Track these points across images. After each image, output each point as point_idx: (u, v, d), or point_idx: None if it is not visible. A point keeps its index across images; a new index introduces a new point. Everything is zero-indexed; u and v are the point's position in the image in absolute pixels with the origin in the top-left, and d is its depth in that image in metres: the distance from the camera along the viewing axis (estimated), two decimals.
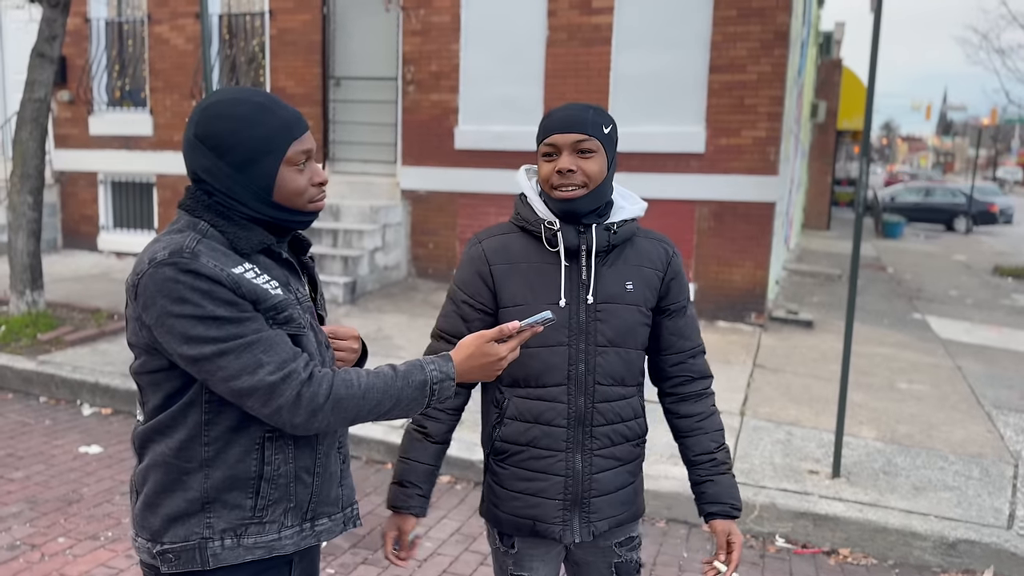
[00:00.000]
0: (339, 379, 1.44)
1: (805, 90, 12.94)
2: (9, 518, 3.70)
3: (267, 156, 1.45)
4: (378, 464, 4.55)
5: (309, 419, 1.41)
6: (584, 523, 1.83)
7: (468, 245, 1.87)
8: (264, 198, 1.47)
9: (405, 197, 8.87)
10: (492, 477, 1.88)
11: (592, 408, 1.79)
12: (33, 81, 6.44)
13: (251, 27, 9.39)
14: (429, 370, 1.50)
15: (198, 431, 1.46)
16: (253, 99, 1.46)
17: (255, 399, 1.39)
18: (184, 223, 1.47)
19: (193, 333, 1.37)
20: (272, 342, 1.41)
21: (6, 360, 5.67)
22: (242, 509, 1.48)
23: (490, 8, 8.34)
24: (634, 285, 1.80)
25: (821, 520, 3.84)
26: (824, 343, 7.24)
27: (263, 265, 1.49)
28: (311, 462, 1.55)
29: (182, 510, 1.47)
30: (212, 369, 1.38)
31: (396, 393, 1.48)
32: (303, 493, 1.54)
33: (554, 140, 1.74)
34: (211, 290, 1.37)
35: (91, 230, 10.43)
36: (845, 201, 26.91)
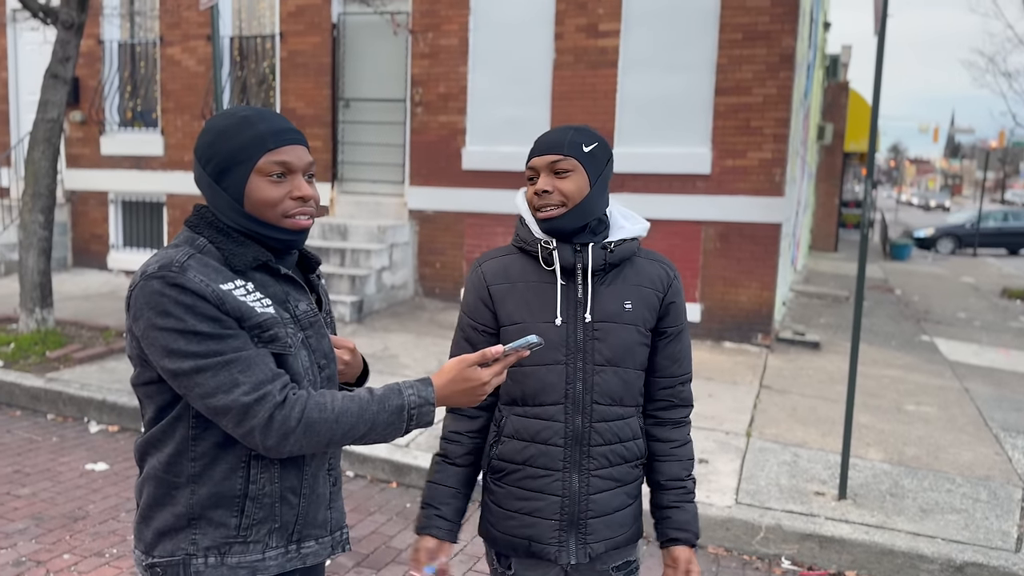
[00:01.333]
0: (312, 402, 1.43)
1: (812, 112, 12.99)
2: (15, 534, 3.71)
3: (238, 166, 1.47)
4: (382, 483, 4.54)
5: (280, 442, 1.40)
6: (580, 544, 1.81)
7: (470, 269, 1.90)
8: (237, 208, 1.49)
9: (412, 217, 8.92)
10: (489, 496, 1.89)
11: (590, 428, 1.79)
12: (47, 101, 6.53)
13: (262, 49, 9.51)
14: (407, 395, 1.48)
15: (186, 446, 1.47)
16: (239, 113, 1.49)
17: (228, 418, 1.40)
18: (183, 238, 1.50)
19: (174, 347, 1.38)
20: (251, 362, 1.41)
21: (15, 377, 5.71)
22: (227, 527, 1.48)
23: (498, 31, 8.43)
24: (633, 305, 1.80)
25: (827, 542, 3.81)
26: (831, 364, 7.22)
27: (259, 282, 1.50)
28: (297, 483, 1.54)
29: (170, 525, 1.49)
30: (190, 384, 1.39)
31: (371, 417, 1.45)
32: (289, 514, 1.53)
33: (533, 163, 1.78)
34: (194, 305, 1.38)
35: (101, 249, 10.51)
36: (852, 223, 26.89)
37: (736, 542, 3.93)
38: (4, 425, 5.23)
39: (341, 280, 7.99)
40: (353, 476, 4.62)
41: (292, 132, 1.51)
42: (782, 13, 7.39)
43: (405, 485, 4.51)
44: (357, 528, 3.96)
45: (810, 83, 11.40)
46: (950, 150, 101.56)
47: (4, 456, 4.68)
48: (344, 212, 9.20)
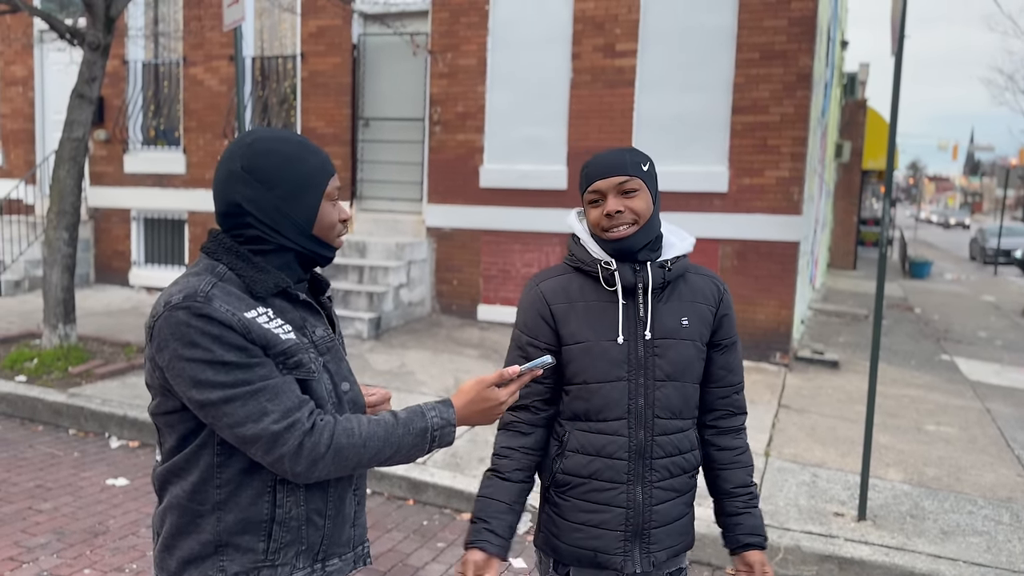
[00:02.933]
0: (340, 428, 1.45)
1: (829, 130, 12.97)
2: (37, 549, 3.75)
3: (311, 190, 1.52)
4: (399, 500, 4.56)
5: (310, 468, 1.43)
6: (644, 554, 1.87)
7: (526, 289, 1.93)
8: (304, 230, 1.53)
9: (430, 234, 8.98)
10: (552, 509, 1.92)
11: (652, 441, 1.84)
12: (72, 121, 6.65)
13: (283, 69, 9.64)
14: (430, 417, 1.52)
15: (211, 473, 1.47)
16: (295, 139, 1.53)
17: (258, 447, 1.41)
18: (203, 266, 1.50)
19: (202, 377, 1.38)
20: (278, 390, 1.42)
21: (37, 392, 5.78)
22: (255, 552, 1.49)
23: (515, 51, 8.51)
24: (689, 321, 1.87)
25: (847, 564, 3.78)
26: (850, 383, 7.17)
27: (278, 308, 1.51)
28: (323, 504, 1.55)
29: (196, 553, 1.49)
30: (218, 415, 1.40)
31: (397, 441, 1.49)
32: (315, 535, 1.55)
33: (598, 186, 1.81)
34: (222, 335, 1.39)
35: (123, 265, 10.64)
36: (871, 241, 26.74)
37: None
38: (27, 440, 5.29)
39: (359, 297, 8.04)
40: (371, 493, 4.64)
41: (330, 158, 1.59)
42: (799, 32, 7.41)
43: (422, 503, 4.52)
44: (375, 545, 3.97)
45: (827, 101, 11.39)
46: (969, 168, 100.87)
47: (27, 471, 4.73)
48: (363, 229, 9.28)
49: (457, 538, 4.10)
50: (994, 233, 26.81)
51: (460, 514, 4.40)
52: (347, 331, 7.86)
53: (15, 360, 6.37)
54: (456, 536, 4.12)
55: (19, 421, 5.68)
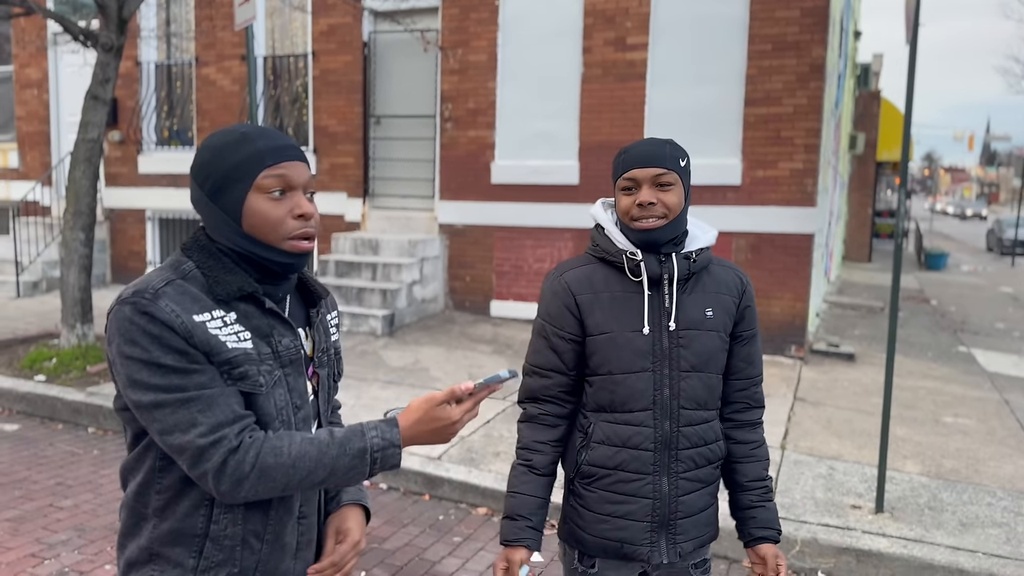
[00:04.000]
0: (268, 447, 1.36)
1: (843, 122, 12.89)
2: (58, 545, 3.79)
3: (236, 183, 1.41)
4: (415, 495, 4.57)
5: (234, 488, 1.35)
6: (671, 544, 1.87)
7: (549, 279, 1.92)
8: (235, 228, 1.42)
9: (443, 231, 8.99)
10: (577, 500, 1.92)
11: (677, 432, 1.84)
12: (87, 122, 6.70)
13: (295, 68, 9.67)
14: (370, 437, 1.40)
15: (152, 477, 1.42)
16: (238, 131, 1.44)
17: (183, 458, 1.35)
18: (170, 261, 1.45)
19: (136, 377, 1.33)
20: (212, 401, 1.35)
21: (57, 391, 5.83)
22: (183, 568, 1.43)
23: (526, 46, 8.50)
24: (714, 312, 1.87)
25: (864, 556, 3.77)
26: (866, 376, 7.13)
27: (243, 312, 1.42)
28: (261, 527, 1.46)
29: (135, 557, 1.45)
30: (148, 419, 1.35)
31: (331, 463, 1.38)
32: (249, 559, 1.46)
33: (634, 175, 1.81)
34: (160, 335, 1.33)
35: (139, 265, 10.71)
36: (886, 233, 26.55)
37: None
38: (47, 438, 5.35)
39: (373, 294, 8.07)
40: (386, 488, 4.66)
41: (292, 148, 1.45)
42: (811, 23, 7.36)
43: (437, 497, 4.54)
44: (391, 540, 3.99)
45: (841, 92, 11.32)
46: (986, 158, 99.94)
47: (47, 469, 4.78)
48: (375, 227, 9.30)
49: (473, 532, 4.11)
50: (1011, 224, 26.56)
51: (476, 509, 4.41)
52: (361, 328, 7.89)
53: (34, 360, 6.43)
54: (472, 531, 4.14)
55: (39, 420, 5.74)
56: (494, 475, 4.52)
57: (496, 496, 4.37)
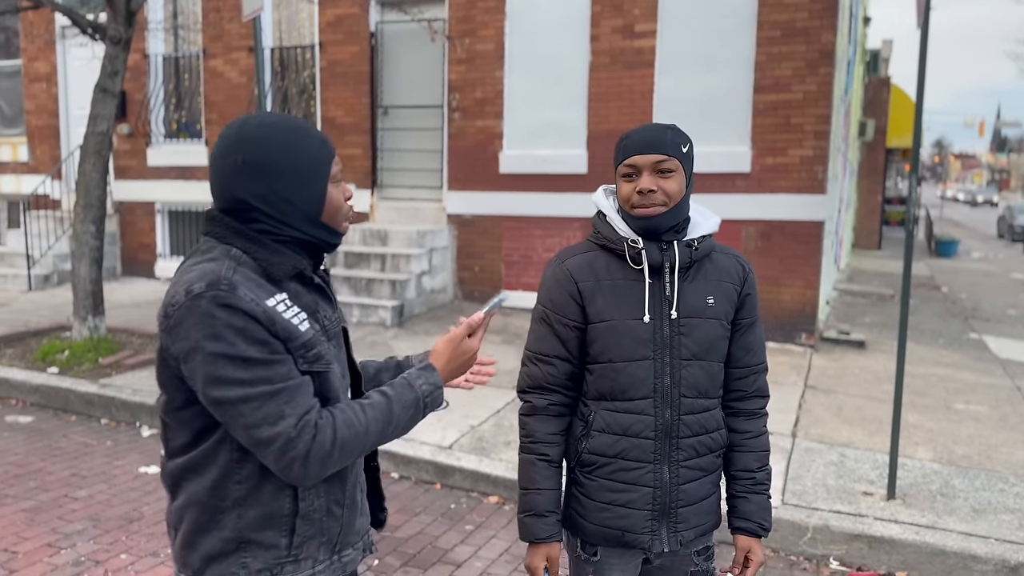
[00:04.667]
0: (341, 421, 1.41)
1: (853, 108, 12.80)
2: (74, 535, 3.82)
3: (318, 177, 1.45)
4: (427, 484, 4.59)
5: (321, 469, 1.39)
6: (672, 533, 1.87)
7: (550, 266, 1.90)
8: (314, 219, 1.47)
9: (451, 221, 8.99)
10: (578, 489, 1.91)
11: (678, 420, 1.83)
12: (96, 115, 6.72)
13: (302, 59, 9.66)
14: (418, 385, 1.52)
15: (230, 470, 1.42)
16: (291, 123, 1.46)
17: (271, 450, 1.35)
18: (218, 252, 1.42)
19: (221, 374, 1.32)
20: (295, 392, 1.37)
21: (70, 383, 5.87)
22: (278, 548, 1.46)
23: (533, 35, 8.47)
24: (715, 300, 1.85)
25: (876, 542, 3.76)
26: (877, 363, 7.11)
27: (293, 292, 1.45)
28: (341, 495, 1.53)
29: (218, 550, 1.45)
30: (235, 414, 1.34)
31: (394, 419, 1.48)
32: (334, 527, 1.53)
33: (634, 161, 1.78)
34: (246, 328, 1.33)
35: (149, 258, 10.76)
36: (896, 220, 26.41)
37: (783, 543, 3.90)
38: (60, 430, 5.39)
39: (382, 285, 8.08)
40: (398, 478, 4.68)
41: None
42: (821, 9, 7.31)
43: (449, 486, 4.55)
44: (403, 528, 4.01)
45: (850, 79, 11.24)
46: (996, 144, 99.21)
47: (61, 460, 4.82)
48: (384, 218, 9.31)
49: (485, 520, 4.13)
50: (1022, 210, 26.38)
51: (487, 497, 4.42)
52: (370, 319, 7.90)
53: (47, 352, 6.48)
54: (484, 519, 4.15)
55: (52, 412, 5.79)
56: (505, 464, 4.54)
57: (507, 485, 4.38)
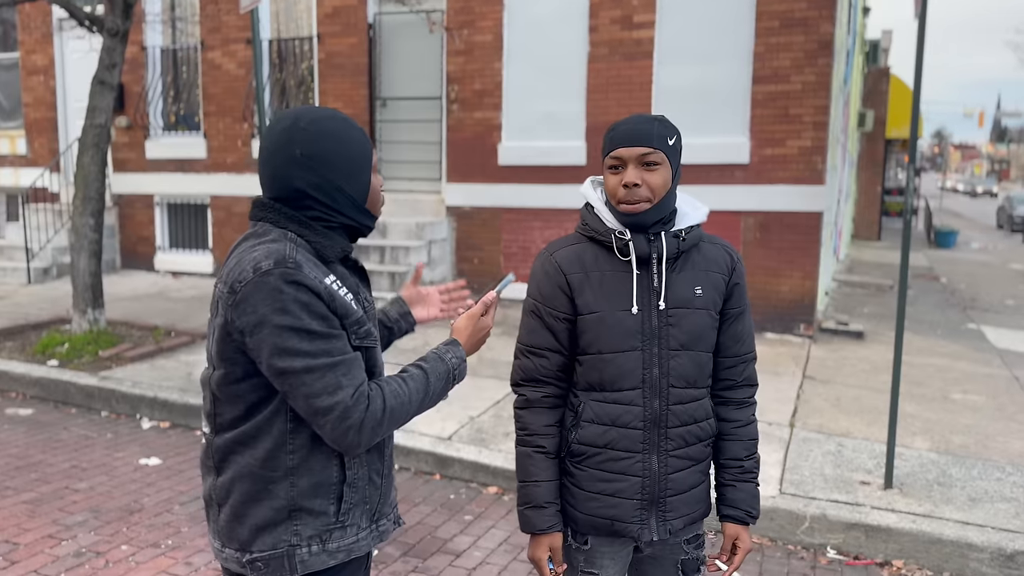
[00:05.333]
0: (388, 392, 1.53)
1: (852, 99, 12.79)
2: (75, 527, 3.84)
3: (366, 167, 1.58)
4: (426, 475, 4.61)
5: (372, 436, 1.50)
6: (661, 522, 1.88)
7: (539, 259, 1.90)
8: (359, 206, 1.59)
9: (450, 213, 8.99)
10: (568, 479, 1.92)
11: (667, 410, 1.84)
12: (94, 108, 6.71)
13: (300, 51, 9.65)
14: (448, 358, 1.67)
15: (283, 439, 1.51)
16: (338, 116, 1.57)
17: (329, 419, 1.45)
18: (276, 234, 1.52)
19: (288, 344, 1.42)
20: (351, 365, 1.48)
21: (70, 376, 5.89)
22: (327, 515, 1.55)
23: (532, 26, 8.45)
24: (703, 290, 1.85)
25: (873, 531, 3.78)
26: (875, 354, 7.13)
27: (340, 274, 1.57)
28: (380, 464, 1.64)
29: (269, 519, 1.52)
30: (296, 383, 1.44)
31: (431, 390, 1.61)
32: (375, 495, 1.63)
33: (620, 153, 1.78)
34: (310, 303, 1.43)
35: (148, 250, 10.76)
36: (896, 211, 26.40)
37: (781, 532, 3.92)
38: (61, 422, 5.40)
39: (381, 277, 8.09)
40: (398, 468, 4.69)
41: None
42: None
43: (448, 477, 4.57)
44: (403, 519, 4.02)
45: (849, 69, 11.23)
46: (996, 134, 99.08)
47: (62, 452, 4.84)
48: (383, 210, 9.31)
49: (485, 511, 4.15)
50: (1022, 200, 26.37)
51: (486, 488, 4.44)
52: None
53: (47, 345, 6.49)
54: (483, 509, 4.17)
55: (53, 404, 5.80)
56: (504, 455, 4.55)
57: (506, 475, 4.40)
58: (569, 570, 1.98)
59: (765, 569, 3.66)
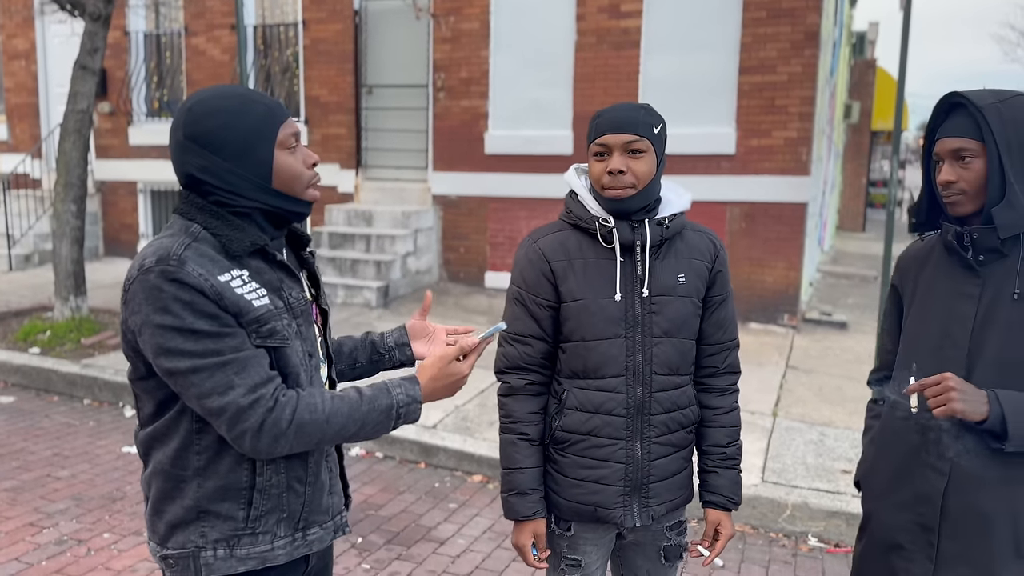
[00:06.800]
0: (303, 404, 1.43)
1: (838, 91, 12.83)
2: (57, 515, 3.82)
3: (260, 143, 1.45)
4: (411, 464, 4.61)
5: (272, 445, 1.40)
6: (644, 508, 1.89)
7: (523, 246, 1.90)
8: (264, 186, 1.47)
9: (436, 202, 8.97)
10: (552, 466, 1.93)
11: (650, 397, 1.85)
12: (76, 93, 6.63)
13: (285, 37, 9.57)
14: (396, 394, 1.50)
15: (190, 440, 1.46)
16: (234, 92, 1.47)
17: (222, 420, 1.39)
18: (177, 227, 1.45)
19: (170, 345, 1.36)
20: (246, 363, 1.39)
21: (52, 364, 5.84)
22: (235, 520, 1.48)
23: (519, 14, 8.41)
24: (686, 277, 1.86)
25: (854, 519, 3.82)
26: (859, 344, 7.18)
27: (255, 269, 1.47)
28: (303, 472, 1.54)
29: (179, 518, 1.49)
30: (185, 384, 1.38)
31: (361, 417, 1.47)
32: (295, 503, 1.54)
33: (605, 140, 1.78)
34: (193, 301, 1.36)
35: (131, 238, 10.67)
36: (881, 203, 26.55)
37: (763, 520, 3.96)
38: (43, 410, 5.36)
39: (367, 266, 8.06)
40: (382, 457, 4.69)
41: (284, 105, 1.53)
42: None
43: (433, 466, 4.57)
44: (387, 507, 4.03)
45: (836, 61, 11.26)
46: None
47: (44, 440, 4.81)
48: (369, 198, 9.27)
49: (469, 499, 4.16)
50: None
51: (471, 476, 4.45)
52: (355, 300, 7.89)
53: (28, 332, 6.43)
54: (468, 497, 4.18)
55: (34, 392, 5.76)
56: (489, 443, 4.56)
57: (491, 464, 4.41)
58: (552, 557, 1.99)
59: (747, 556, 3.69)
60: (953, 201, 1.73)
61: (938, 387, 1.62)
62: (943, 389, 1.61)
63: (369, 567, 3.45)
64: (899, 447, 1.84)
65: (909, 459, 1.81)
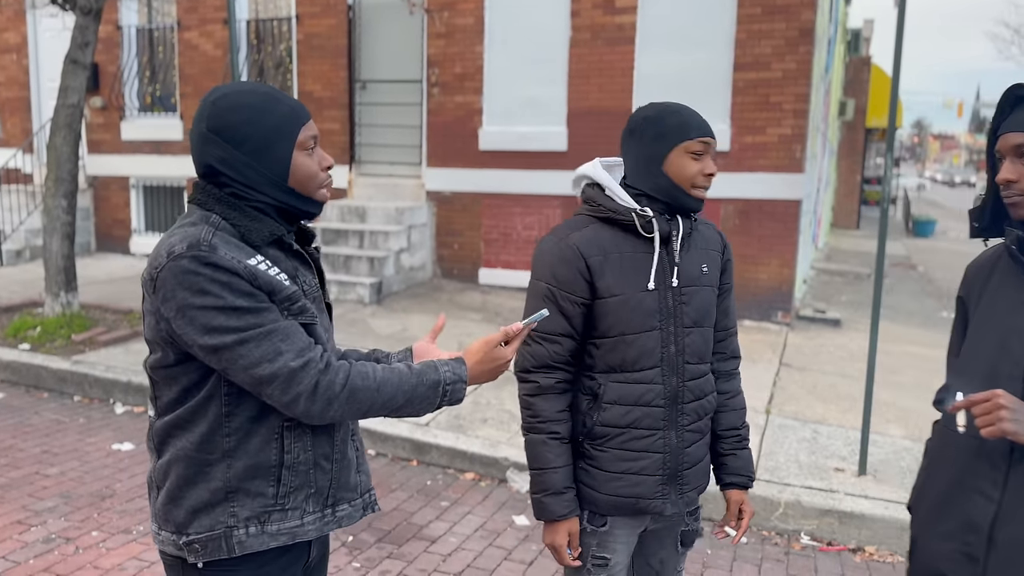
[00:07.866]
0: (356, 370, 1.48)
1: (833, 88, 12.83)
2: (45, 512, 3.79)
3: (280, 142, 1.50)
4: (403, 461, 4.59)
5: (325, 408, 1.45)
6: (679, 495, 1.94)
7: (552, 244, 1.87)
8: (279, 184, 1.52)
9: (430, 198, 8.94)
10: (587, 462, 1.92)
11: (683, 386, 1.90)
12: (67, 87, 6.58)
13: (278, 32, 9.52)
14: (443, 371, 1.55)
15: (219, 423, 1.49)
16: (260, 90, 1.52)
17: (275, 386, 1.42)
18: (197, 216, 1.50)
19: (214, 323, 1.40)
20: (289, 331, 1.45)
21: (41, 360, 5.80)
22: (265, 497, 1.52)
23: (514, 9, 8.38)
24: (708, 267, 1.94)
25: (847, 517, 3.81)
26: (852, 342, 7.18)
27: (272, 257, 1.52)
28: (329, 449, 1.59)
29: (206, 501, 1.51)
30: (233, 358, 1.41)
31: (410, 390, 1.52)
32: (323, 479, 1.58)
33: (708, 141, 1.85)
34: (230, 282, 1.41)
35: (123, 233, 10.62)
36: (875, 200, 26.57)
37: (755, 518, 3.95)
38: (32, 407, 5.33)
39: (360, 262, 8.03)
40: (375, 454, 4.67)
41: (305, 107, 1.58)
42: None
43: (426, 463, 4.56)
44: (379, 504, 4.00)
45: (831, 58, 11.25)
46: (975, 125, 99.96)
47: (33, 437, 4.77)
48: (362, 194, 9.23)
49: (461, 497, 4.14)
50: None
51: (463, 474, 4.43)
52: (348, 296, 7.86)
53: (18, 328, 6.39)
54: (460, 495, 4.16)
55: (24, 388, 5.72)
56: (481, 441, 4.54)
57: (483, 461, 4.39)
58: (581, 556, 1.98)
59: (739, 555, 3.68)
60: (1015, 202, 1.60)
61: (988, 404, 1.47)
62: (993, 407, 1.46)
63: (359, 565, 3.43)
64: (948, 469, 1.70)
65: (957, 483, 1.66)
